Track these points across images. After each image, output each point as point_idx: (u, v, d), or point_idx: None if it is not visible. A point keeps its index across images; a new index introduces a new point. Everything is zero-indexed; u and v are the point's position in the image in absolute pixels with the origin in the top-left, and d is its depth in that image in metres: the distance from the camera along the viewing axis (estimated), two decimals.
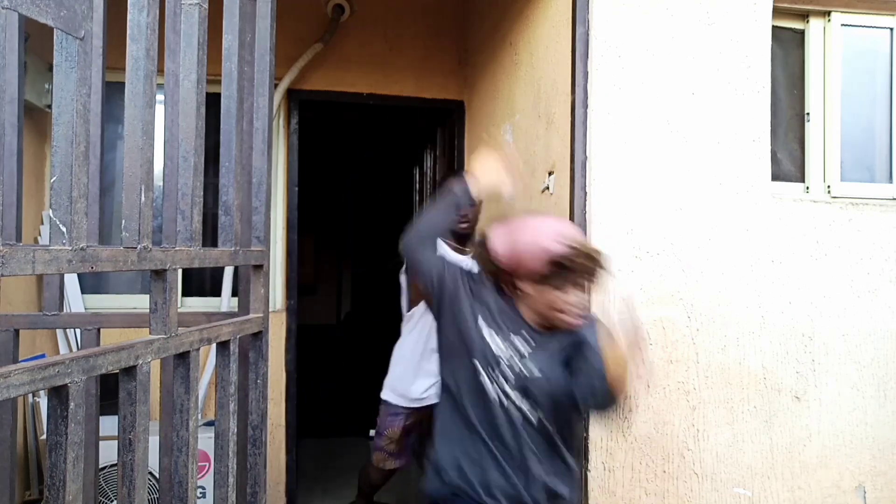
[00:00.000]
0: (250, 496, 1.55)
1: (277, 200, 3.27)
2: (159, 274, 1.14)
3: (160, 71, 1.08)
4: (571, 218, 1.97)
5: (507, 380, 1.43)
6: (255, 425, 1.56)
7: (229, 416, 1.40)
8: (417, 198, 4.34)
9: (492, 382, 1.43)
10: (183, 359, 1.23)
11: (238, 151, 1.45)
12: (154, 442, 1.77)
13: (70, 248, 0.86)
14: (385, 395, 2.52)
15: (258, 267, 1.56)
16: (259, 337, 1.57)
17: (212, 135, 3.44)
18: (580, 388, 1.41)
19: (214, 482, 1.40)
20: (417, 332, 2.43)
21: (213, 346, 3.44)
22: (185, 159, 1.21)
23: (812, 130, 2.31)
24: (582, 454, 1.96)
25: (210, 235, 3.35)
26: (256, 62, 1.56)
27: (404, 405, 2.45)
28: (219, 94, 1.40)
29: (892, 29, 2.36)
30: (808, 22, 2.31)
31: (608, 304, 1.96)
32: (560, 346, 1.46)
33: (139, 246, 1.05)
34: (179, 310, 1.26)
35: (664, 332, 2.01)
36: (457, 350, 1.49)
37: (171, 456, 1.26)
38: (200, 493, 2.63)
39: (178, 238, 1.21)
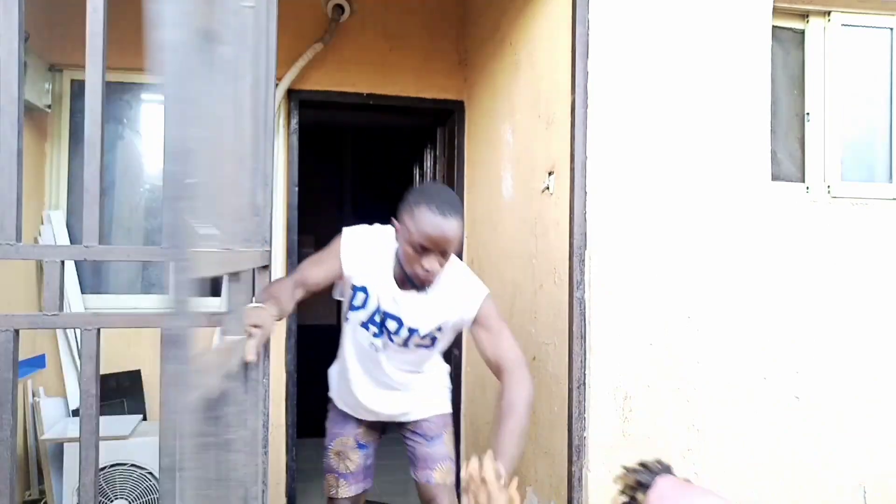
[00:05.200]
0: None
1: (277, 200, 3.27)
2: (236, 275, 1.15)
3: None
4: (571, 218, 1.98)
5: None
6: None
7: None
8: None
9: None
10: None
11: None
12: (154, 442, 1.76)
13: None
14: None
15: (264, 267, 1.57)
16: None
17: None
18: None
19: None
20: None
21: (217, 343, 3.43)
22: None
23: (812, 130, 2.31)
24: (582, 454, 1.96)
25: None
26: (258, 62, 1.56)
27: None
28: None
29: (892, 29, 2.36)
30: (808, 22, 2.31)
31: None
32: None
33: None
34: None
35: (664, 331, 2.01)
36: None
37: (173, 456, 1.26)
38: None
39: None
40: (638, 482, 1.34)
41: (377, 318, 1.89)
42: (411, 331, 1.87)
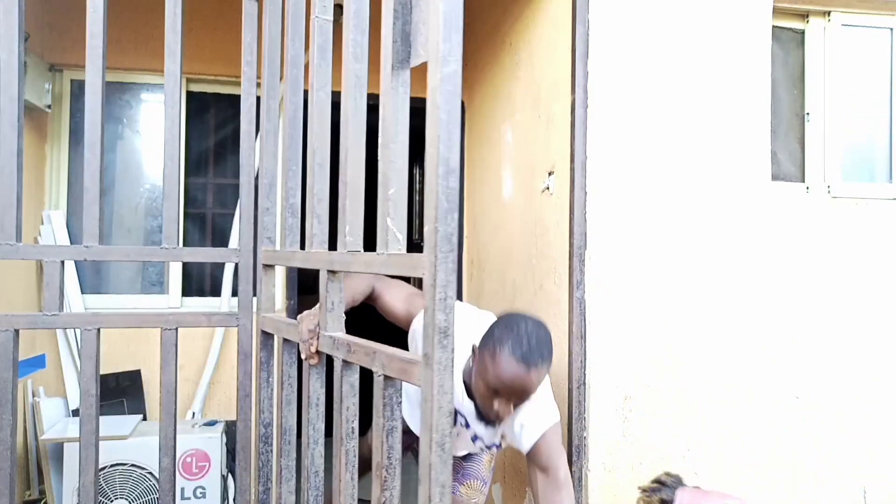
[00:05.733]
0: (262, 493, 1.58)
1: (277, 200, 3.26)
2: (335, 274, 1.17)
3: (160, 71, 1.08)
4: (571, 218, 1.98)
5: None
6: (267, 423, 1.57)
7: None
8: (417, 197, 4.34)
9: None
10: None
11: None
12: (154, 442, 1.77)
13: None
14: None
15: (271, 266, 1.59)
16: (271, 336, 1.58)
17: (210, 136, 3.43)
18: None
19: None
20: None
21: (217, 343, 3.40)
22: (320, 166, 1.29)
23: (812, 130, 2.31)
24: (582, 454, 1.96)
25: (209, 235, 3.35)
26: (267, 64, 1.58)
27: None
28: (217, 95, 1.41)
29: (892, 29, 2.36)
30: (808, 22, 2.31)
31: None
32: None
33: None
34: (179, 310, 1.26)
35: (664, 331, 2.01)
36: None
37: (171, 456, 1.26)
38: (200, 493, 2.63)
39: (314, 241, 1.26)
40: (662, 501, 1.38)
41: None
42: (475, 438, 1.75)
